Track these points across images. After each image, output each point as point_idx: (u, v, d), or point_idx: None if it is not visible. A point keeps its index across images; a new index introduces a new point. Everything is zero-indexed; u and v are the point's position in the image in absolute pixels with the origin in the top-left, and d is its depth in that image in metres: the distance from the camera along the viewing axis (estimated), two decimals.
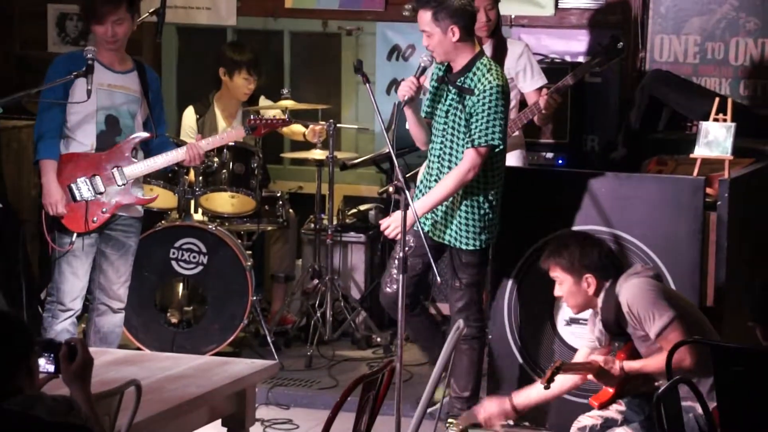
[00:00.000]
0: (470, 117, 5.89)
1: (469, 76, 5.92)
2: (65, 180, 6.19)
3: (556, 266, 5.40)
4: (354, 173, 8.21)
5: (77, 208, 6.18)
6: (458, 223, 6.00)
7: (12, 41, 9.13)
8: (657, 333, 5.17)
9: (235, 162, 7.36)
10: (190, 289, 7.32)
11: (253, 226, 7.65)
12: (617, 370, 5.25)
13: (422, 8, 5.89)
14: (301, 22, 8.72)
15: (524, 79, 6.91)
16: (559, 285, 5.42)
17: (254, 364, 5.06)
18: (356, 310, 7.64)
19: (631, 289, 5.25)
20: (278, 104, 7.66)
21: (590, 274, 5.33)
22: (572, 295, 5.39)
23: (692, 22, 7.84)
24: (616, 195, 6.23)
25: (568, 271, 5.36)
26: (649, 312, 5.18)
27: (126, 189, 6.22)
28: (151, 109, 6.31)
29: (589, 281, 5.34)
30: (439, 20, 5.85)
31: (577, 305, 5.43)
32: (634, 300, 5.22)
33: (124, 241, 6.30)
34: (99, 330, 6.33)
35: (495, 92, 5.87)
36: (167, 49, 8.93)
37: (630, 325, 5.26)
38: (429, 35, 5.87)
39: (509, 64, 6.86)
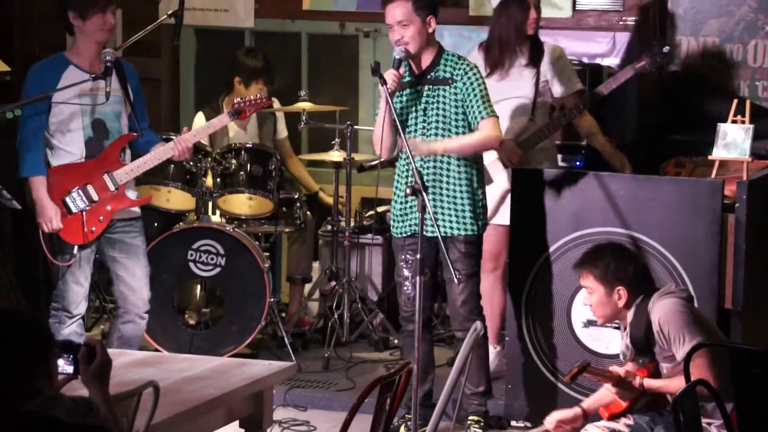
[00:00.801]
0: (463, 101, 5.96)
1: (440, 68, 5.99)
2: (58, 193, 6.11)
3: (588, 275, 5.37)
4: (371, 175, 8.19)
5: (74, 221, 6.12)
6: (456, 211, 6.01)
7: (31, 43, 9.15)
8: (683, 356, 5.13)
9: (252, 164, 7.37)
10: (207, 290, 7.33)
11: (271, 228, 7.66)
12: (637, 385, 5.24)
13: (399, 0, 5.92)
14: (318, 24, 8.73)
15: (560, 83, 6.85)
16: (590, 294, 5.40)
17: (272, 366, 5.07)
18: (373, 312, 7.64)
19: (664, 309, 5.23)
20: (295, 106, 7.67)
21: (623, 287, 5.32)
22: (602, 305, 5.37)
23: (710, 24, 7.82)
24: (634, 197, 6.22)
25: (601, 282, 5.34)
26: (679, 333, 5.16)
27: (119, 193, 6.16)
28: (132, 105, 6.19)
29: (620, 293, 5.32)
30: (419, 10, 5.91)
31: (605, 316, 5.41)
32: (666, 320, 5.20)
33: (130, 242, 6.24)
34: (122, 335, 6.29)
35: (477, 71, 6.02)
36: (185, 52, 8.95)
37: (658, 344, 5.24)
38: (405, 26, 5.92)
39: (544, 67, 6.81)
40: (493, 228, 6.57)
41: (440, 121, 5.98)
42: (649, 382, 5.24)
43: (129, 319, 6.28)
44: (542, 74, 6.80)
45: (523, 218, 6.40)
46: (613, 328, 6.23)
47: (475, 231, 6.07)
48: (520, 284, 6.39)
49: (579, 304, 6.29)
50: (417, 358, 5.50)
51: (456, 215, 6.03)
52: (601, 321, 5.51)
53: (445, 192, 6.03)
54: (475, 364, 6.09)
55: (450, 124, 5.98)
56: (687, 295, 5.41)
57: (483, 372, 6.19)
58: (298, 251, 7.98)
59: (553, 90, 6.88)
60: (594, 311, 5.45)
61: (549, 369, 6.36)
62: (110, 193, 6.15)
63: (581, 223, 6.28)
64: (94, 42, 6.11)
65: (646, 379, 5.25)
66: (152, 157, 6.20)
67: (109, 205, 6.15)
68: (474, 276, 6.12)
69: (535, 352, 6.39)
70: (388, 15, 5.98)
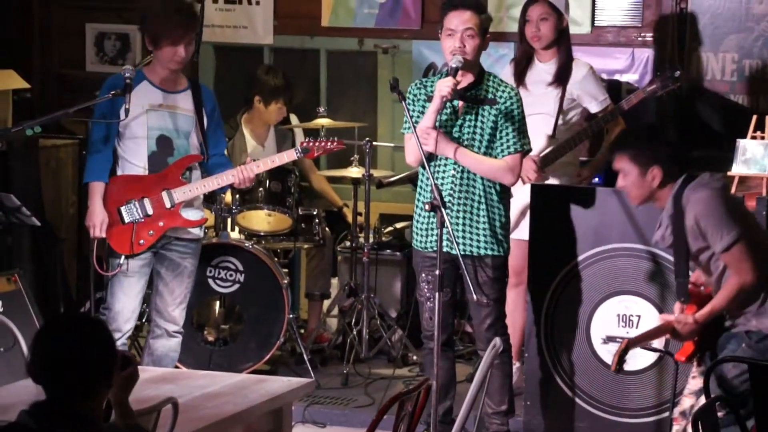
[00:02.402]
0: (499, 125, 5.92)
1: (483, 87, 5.96)
2: (115, 202, 6.19)
3: (623, 156, 5.35)
4: (390, 191, 8.21)
5: (125, 230, 6.18)
6: (483, 231, 5.98)
7: (51, 60, 9.20)
8: (723, 249, 5.14)
9: (271, 180, 7.39)
10: (226, 307, 7.33)
11: (290, 244, 7.67)
12: (691, 324, 5.23)
13: (471, 10, 5.91)
14: (337, 40, 8.75)
15: (592, 100, 6.84)
16: (624, 176, 5.37)
17: (290, 382, 5.07)
18: (392, 328, 7.64)
19: (699, 203, 5.20)
20: (314, 122, 7.68)
21: (656, 166, 5.29)
22: (636, 185, 5.35)
23: (730, 40, 7.81)
24: (653, 212, 6.20)
25: (634, 161, 5.31)
26: (716, 228, 5.15)
27: (174, 211, 6.21)
28: (205, 129, 6.29)
29: (654, 173, 5.29)
30: (482, 26, 5.92)
31: (640, 196, 5.38)
32: (703, 214, 5.18)
33: (179, 262, 6.27)
34: (153, 352, 6.31)
35: (520, 99, 5.99)
36: (204, 68, 8.97)
37: (691, 237, 5.22)
38: (471, 36, 5.89)
39: (572, 84, 6.81)
40: (516, 243, 6.55)
41: (475, 139, 5.94)
42: (700, 314, 5.23)
43: (159, 334, 6.31)
44: (569, 92, 6.79)
45: (542, 234, 6.39)
46: None
47: (502, 252, 6.04)
48: (540, 300, 6.37)
49: (598, 320, 6.28)
50: (436, 374, 5.50)
51: (485, 235, 5.98)
52: (636, 202, 5.47)
53: (475, 210, 5.98)
54: (498, 382, 6.07)
55: (483, 144, 5.95)
56: (722, 185, 5.35)
57: (506, 390, 6.16)
58: (317, 267, 7.99)
59: (589, 108, 6.87)
60: (629, 193, 5.42)
61: (568, 385, 6.35)
62: (165, 210, 6.20)
63: (600, 239, 6.27)
64: (165, 68, 6.19)
65: (697, 314, 5.23)
66: (212, 182, 6.25)
67: (161, 221, 6.20)
68: (501, 299, 6.10)
69: (554, 368, 6.37)
70: (455, 20, 5.89)
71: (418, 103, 6.03)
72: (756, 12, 7.74)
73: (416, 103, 6.03)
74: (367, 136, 7.77)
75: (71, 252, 7.99)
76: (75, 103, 6.32)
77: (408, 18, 8.52)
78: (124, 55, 9.00)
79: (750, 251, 5.12)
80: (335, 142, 6.50)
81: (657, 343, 6.12)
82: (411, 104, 6.02)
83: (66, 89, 8.98)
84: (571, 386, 6.34)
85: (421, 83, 6.08)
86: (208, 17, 8.33)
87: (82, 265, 7.67)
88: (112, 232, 6.19)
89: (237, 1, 8.85)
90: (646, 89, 6.75)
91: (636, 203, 5.51)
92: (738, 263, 5.10)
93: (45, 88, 9.12)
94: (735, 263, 5.11)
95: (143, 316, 6.85)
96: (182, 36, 6.09)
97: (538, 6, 6.78)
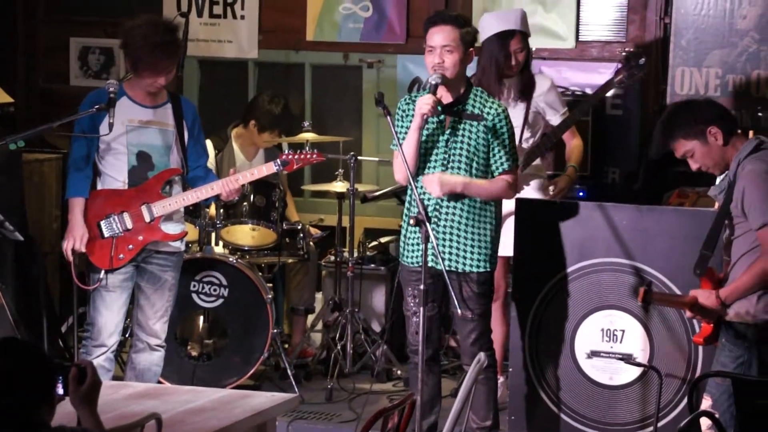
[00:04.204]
0: (490, 143, 5.91)
1: (469, 102, 5.94)
2: (94, 217, 6.19)
3: (678, 139, 5.28)
4: (375, 205, 8.21)
5: (104, 245, 6.18)
6: (470, 247, 5.97)
7: (35, 74, 9.19)
8: (759, 225, 5.10)
9: (255, 194, 7.38)
10: (210, 321, 7.32)
11: (274, 259, 7.66)
12: (714, 301, 5.20)
13: (452, 24, 5.90)
14: (322, 54, 8.76)
15: (554, 113, 6.95)
16: (691, 158, 5.30)
17: (275, 397, 5.06)
18: (377, 342, 7.63)
19: (750, 174, 5.14)
20: (299, 137, 7.68)
21: (711, 126, 5.23)
22: (706, 156, 5.26)
23: (714, 55, 7.83)
24: (638, 227, 6.22)
25: (689, 137, 5.25)
26: (759, 203, 5.09)
27: (154, 225, 6.20)
28: (185, 141, 6.29)
29: (713, 133, 5.23)
30: (464, 40, 5.90)
31: (716, 164, 5.28)
32: (750, 186, 5.12)
33: (160, 275, 6.27)
34: (135, 366, 6.31)
35: (507, 115, 5.99)
36: (189, 82, 8.97)
37: (734, 205, 5.18)
38: (450, 51, 5.87)
39: (536, 98, 6.90)
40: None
41: (464, 155, 5.93)
42: (723, 291, 5.19)
43: (141, 348, 6.30)
44: (533, 105, 6.89)
45: (527, 249, 6.39)
46: (616, 359, 6.23)
47: (488, 268, 6.03)
48: (525, 314, 6.38)
49: (583, 335, 6.29)
50: (420, 388, 5.49)
51: (472, 251, 5.98)
52: (716, 171, 5.34)
53: (462, 226, 5.97)
54: (483, 398, 6.07)
55: (472, 159, 5.94)
56: None
57: (491, 405, 6.15)
58: (301, 282, 7.98)
59: (551, 121, 6.95)
60: (706, 168, 5.31)
61: (552, 400, 6.35)
62: (145, 224, 6.20)
63: (585, 254, 6.27)
64: (143, 90, 6.19)
65: (720, 291, 5.19)
66: (191, 195, 6.25)
67: (141, 235, 6.20)
68: (485, 315, 6.08)
69: (538, 383, 6.37)
70: (434, 37, 5.90)
71: (406, 119, 6.02)
72: (739, 27, 7.76)
73: (405, 119, 6.02)
74: (352, 150, 7.76)
75: (54, 267, 7.96)
76: (59, 118, 6.31)
77: (393, 33, 8.53)
78: (108, 69, 8.99)
79: None
80: (315, 155, 6.51)
81: (641, 357, 6.14)
82: (400, 120, 6.02)
83: (50, 103, 8.98)
84: (556, 401, 6.34)
85: (410, 99, 6.06)
86: (193, 31, 8.32)
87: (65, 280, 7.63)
88: (91, 246, 6.18)
89: (222, 16, 8.85)
90: (614, 80, 6.86)
91: (717, 172, 5.35)
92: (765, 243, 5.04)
93: (29, 102, 9.11)
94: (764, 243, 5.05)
95: (126, 331, 6.83)
96: (164, 68, 6.09)
97: (516, 39, 6.82)
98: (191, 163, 6.32)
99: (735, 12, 7.76)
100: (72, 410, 3.64)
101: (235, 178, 6.29)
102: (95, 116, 6.11)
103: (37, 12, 9.16)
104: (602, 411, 6.28)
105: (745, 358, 5.15)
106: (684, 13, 7.82)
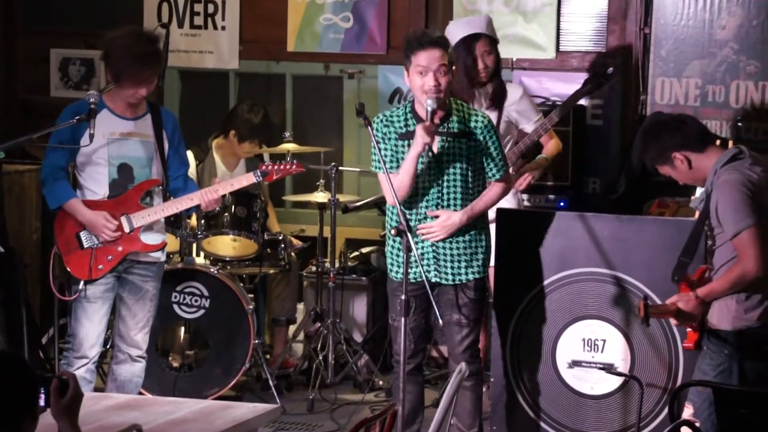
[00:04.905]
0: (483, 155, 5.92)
1: (453, 119, 5.93)
2: (73, 228, 6.17)
3: (652, 164, 5.38)
4: (356, 216, 8.22)
5: (84, 256, 6.16)
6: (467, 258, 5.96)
7: (15, 85, 9.17)
8: (733, 234, 5.14)
9: (237, 205, 7.38)
10: (191, 332, 7.31)
11: (255, 269, 7.65)
12: (693, 301, 5.23)
13: (442, 48, 5.84)
14: (303, 65, 8.76)
15: (528, 121, 6.98)
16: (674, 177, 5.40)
17: (256, 408, 5.05)
18: (358, 353, 7.63)
19: (724, 186, 5.19)
20: (280, 147, 7.68)
21: (676, 152, 5.31)
22: (681, 176, 5.37)
23: (693, 65, 7.87)
24: (618, 237, 6.24)
25: (661, 162, 5.35)
26: (733, 212, 5.15)
27: (134, 235, 6.19)
28: (165, 152, 6.28)
29: (678, 158, 5.31)
30: (450, 62, 5.89)
31: (693, 180, 5.40)
32: (723, 195, 5.18)
33: (141, 285, 6.26)
34: (116, 378, 6.29)
35: (491, 122, 5.99)
36: (169, 93, 8.96)
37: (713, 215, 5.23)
38: (444, 73, 5.84)
39: (508, 107, 6.93)
40: None
41: (458, 173, 5.91)
42: (701, 291, 5.23)
43: (122, 359, 6.28)
44: (506, 114, 6.92)
45: (508, 259, 6.40)
46: (597, 369, 6.24)
47: (483, 274, 6.03)
48: (506, 324, 6.38)
49: (564, 345, 6.29)
50: (402, 398, 5.49)
51: (467, 261, 5.97)
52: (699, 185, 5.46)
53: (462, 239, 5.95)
54: (469, 405, 6.07)
55: (466, 175, 5.93)
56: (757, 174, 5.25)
57: (477, 413, 6.15)
58: (283, 292, 7.97)
59: (524, 128, 6.99)
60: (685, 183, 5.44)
61: (533, 410, 6.35)
62: (125, 234, 6.18)
63: (566, 264, 6.29)
64: (124, 101, 6.18)
65: (698, 290, 5.24)
66: (171, 205, 6.24)
67: (120, 246, 6.18)
68: (478, 322, 6.07)
69: (520, 392, 6.38)
70: (429, 57, 5.80)
71: (389, 142, 5.95)
72: (719, 38, 7.80)
73: (387, 142, 5.95)
74: (333, 160, 7.77)
75: (35, 278, 7.95)
76: (39, 129, 6.29)
77: (374, 43, 8.54)
78: (89, 80, 8.98)
79: (760, 242, 5.11)
80: (294, 165, 6.51)
81: (622, 367, 6.15)
82: (381, 142, 5.95)
83: (30, 114, 8.96)
84: (537, 410, 6.34)
85: (387, 119, 5.97)
86: (174, 42, 8.31)
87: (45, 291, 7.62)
88: (70, 257, 6.16)
89: (203, 26, 8.85)
90: (582, 89, 6.93)
91: (700, 185, 5.46)
92: (745, 249, 5.10)
93: (9, 113, 9.09)
94: (742, 249, 5.10)
95: (107, 342, 6.81)
96: (144, 79, 6.08)
97: (482, 42, 6.86)
98: (171, 174, 6.31)
99: (714, 22, 7.80)
100: (53, 422, 3.63)
101: (214, 188, 6.28)
102: (75, 127, 6.09)
103: (18, 23, 9.15)
104: (584, 421, 6.29)
105: (726, 365, 5.17)
106: (664, 23, 7.86)
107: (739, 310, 5.17)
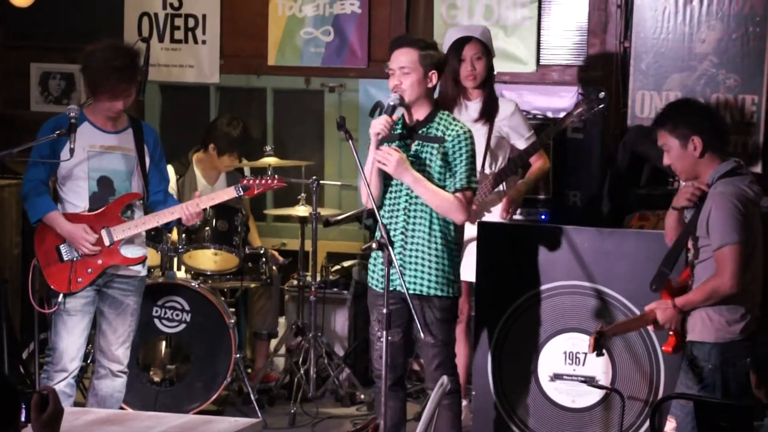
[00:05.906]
0: (447, 163, 5.89)
1: (433, 126, 5.92)
2: (54, 240, 6.16)
3: (663, 132, 5.36)
4: (337, 230, 8.22)
5: (63, 269, 6.15)
6: (435, 271, 5.93)
7: None
8: (717, 246, 5.16)
9: (218, 219, 7.37)
10: (173, 347, 7.29)
11: (237, 283, 7.64)
12: (671, 310, 5.26)
13: (409, 46, 5.90)
14: (283, 79, 8.76)
15: (520, 137, 6.96)
16: (667, 152, 5.37)
17: (237, 423, 5.04)
18: (340, 366, 7.62)
19: (720, 197, 5.21)
20: (261, 161, 7.68)
21: (696, 135, 5.30)
22: (679, 158, 5.35)
23: (673, 79, 7.89)
24: (599, 250, 6.25)
25: (674, 133, 5.33)
26: (722, 225, 5.17)
27: (113, 249, 6.18)
28: (146, 167, 6.27)
29: (695, 143, 5.30)
30: (423, 62, 5.88)
31: (685, 171, 5.38)
32: (716, 206, 5.20)
33: (122, 299, 6.24)
34: (97, 393, 6.26)
35: (470, 138, 5.91)
36: (150, 107, 8.96)
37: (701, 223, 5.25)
38: (406, 73, 5.86)
39: (500, 122, 6.90)
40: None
41: (426, 177, 5.91)
42: (679, 300, 5.26)
43: (103, 374, 6.26)
44: (497, 129, 6.90)
45: (489, 272, 6.40)
46: (579, 382, 6.25)
47: (451, 294, 5.95)
48: (487, 337, 6.38)
49: (546, 358, 6.30)
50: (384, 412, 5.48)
51: (435, 275, 5.91)
52: (683, 177, 5.47)
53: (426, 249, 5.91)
54: (447, 423, 6.05)
55: (436, 182, 5.92)
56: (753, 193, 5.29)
57: (456, 430, 6.14)
58: (264, 306, 7.96)
59: (516, 144, 6.96)
60: (675, 170, 5.42)
61: (515, 423, 6.35)
62: (104, 248, 6.16)
63: (547, 277, 6.29)
64: (104, 115, 6.18)
65: (675, 299, 5.27)
66: (151, 219, 6.23)
67: (100, 259, 6.16)
68: (448, 341, 6.01)
69: (502, 406, 6.38)
70: (393, 59, 5.92)
71: None
72: (698, 51, 7.83)
73: None
74: (314, 174, 7.77)
75: (15, 293, 7.92)
76: (19, 143, 6.28)
77: (354, 57, 8.55)
78: (69, 94, 8.96)
79: (741, 260, 5.14)
80: (276, 180, 6.50)
81: (604, 380, 6.16)
82: None
83: (10, 129, 8.93)
84: (519, 424, 6.35)
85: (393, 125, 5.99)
86: (154, 56, 8.31)
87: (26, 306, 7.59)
88: (50, 270, 6.15)
89: (183, 41, 8.84)
90: (573, 112, 6.91)
91: (683, 179, 5.48)
92: (725, 264, 5.13)
93: None
94: (722, 263, 5.13)
95: (88, 357, 6.79)
96: (122, 92, 6.07)
97: (472, 45, 6.87)
98: (152, 188, 6.30)
99: (694, 36, 7.83)
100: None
101: (195, 202, 6.27)
102: (55, 142, 6.08)
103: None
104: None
105: (709, 380, 5.18)
106: (643, 37, 7.89)
107: (722, 323, 5.18)
